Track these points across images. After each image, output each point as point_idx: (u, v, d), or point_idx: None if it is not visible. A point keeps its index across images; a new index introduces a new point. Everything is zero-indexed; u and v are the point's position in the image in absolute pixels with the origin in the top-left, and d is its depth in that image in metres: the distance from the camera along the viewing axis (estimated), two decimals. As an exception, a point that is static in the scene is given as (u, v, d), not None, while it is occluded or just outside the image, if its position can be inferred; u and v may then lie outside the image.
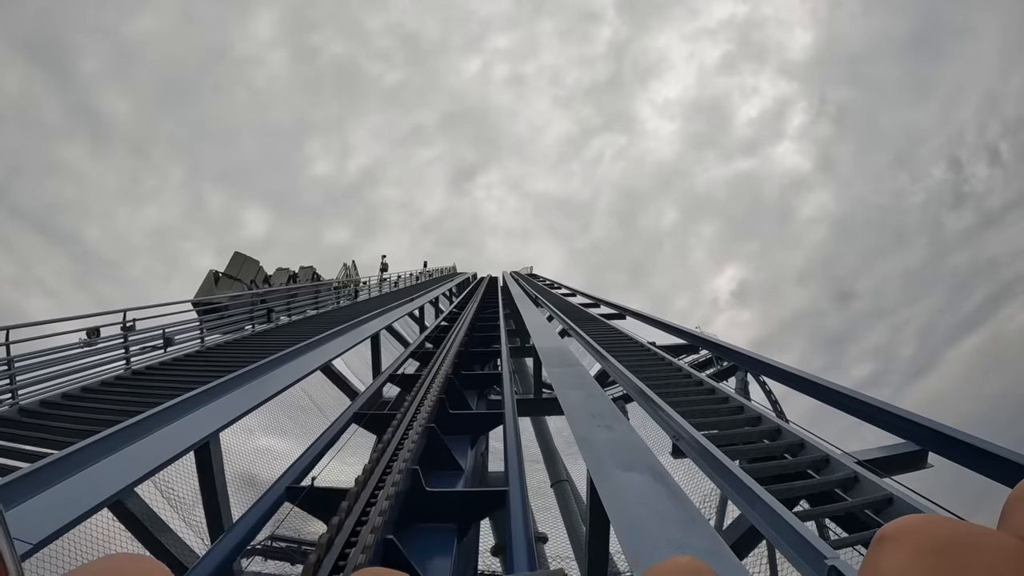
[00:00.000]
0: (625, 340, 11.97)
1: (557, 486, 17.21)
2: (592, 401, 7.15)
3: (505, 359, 10.79)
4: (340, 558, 3.32)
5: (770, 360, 8.66)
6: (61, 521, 3.90)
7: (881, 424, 5.66)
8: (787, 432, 5.78)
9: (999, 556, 0.48)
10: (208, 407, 6.84)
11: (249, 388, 7.83)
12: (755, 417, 6.28)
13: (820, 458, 5.10)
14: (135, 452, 5.27)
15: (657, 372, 8.83)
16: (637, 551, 3.56)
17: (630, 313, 16.99)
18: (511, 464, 5.83)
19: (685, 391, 7.57)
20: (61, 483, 4.40)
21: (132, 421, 5.71)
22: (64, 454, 4.69)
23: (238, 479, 8.19)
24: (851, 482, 4.62)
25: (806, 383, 7.16)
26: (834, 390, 6.56)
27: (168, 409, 6.23)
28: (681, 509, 4.09)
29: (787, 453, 5.50)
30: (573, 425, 6.33)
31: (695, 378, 8.24)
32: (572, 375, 8.65)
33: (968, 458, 4.60)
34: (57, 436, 5.67)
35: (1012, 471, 4.16)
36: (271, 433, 10.11)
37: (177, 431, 5.97)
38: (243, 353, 9.83)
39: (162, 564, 0.67)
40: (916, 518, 0.56)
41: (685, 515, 4.01)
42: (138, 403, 6.69)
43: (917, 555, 0.49)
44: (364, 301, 19.85)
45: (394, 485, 4.26)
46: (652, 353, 10.59)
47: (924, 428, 5.13)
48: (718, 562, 3.31)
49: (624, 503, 4.26)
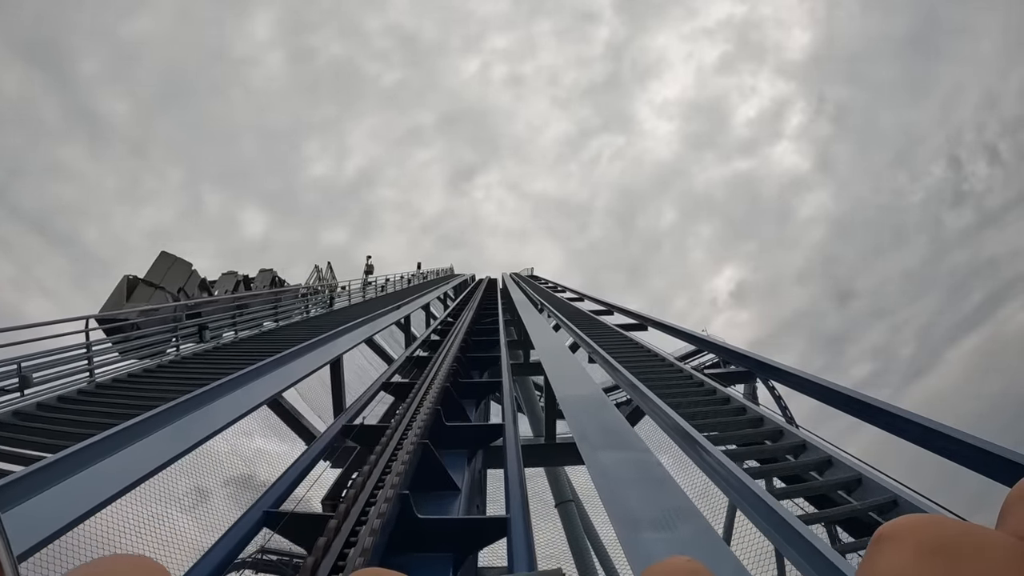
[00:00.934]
0: (657, 362, 9.35)
1: (562, 507, 16.03)
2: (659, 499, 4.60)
3: (507, 392, 8.17)
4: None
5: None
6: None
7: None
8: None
9: (997, 556, 0.45)
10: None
11: (122, 457, 5.18)
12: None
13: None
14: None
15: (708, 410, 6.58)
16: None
17: (652, 323, 14.50)
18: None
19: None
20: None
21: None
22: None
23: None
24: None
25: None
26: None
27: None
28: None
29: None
30: (630, 553, 3.74)
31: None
32: (607, 434, 5.98)
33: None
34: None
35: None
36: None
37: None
38: (142, 392, 7.18)
39: (161, 565, 0.57)
40: (914, 517, 0.51)
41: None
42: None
43: (915, 555, 0.47)
44: (342, 310, 17.09)
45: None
46: (699, 384, 7.99)
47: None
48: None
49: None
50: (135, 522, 7.90)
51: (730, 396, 7.58)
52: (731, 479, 4.71)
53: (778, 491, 5.10)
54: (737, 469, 4.77)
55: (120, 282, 13.53)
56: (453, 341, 11.92)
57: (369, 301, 19.25)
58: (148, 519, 7.97)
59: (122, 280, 13.54)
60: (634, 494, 4.53)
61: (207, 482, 9.23)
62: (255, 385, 8.00)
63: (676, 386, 7.94)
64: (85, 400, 7.28)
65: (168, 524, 8.26)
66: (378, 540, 3.67)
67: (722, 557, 3.47)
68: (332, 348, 9.75)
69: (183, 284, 14.59)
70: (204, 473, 9.31)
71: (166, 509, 8.67)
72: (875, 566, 0.49)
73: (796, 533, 3.70)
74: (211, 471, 9.41)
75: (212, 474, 9.47)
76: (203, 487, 9.16)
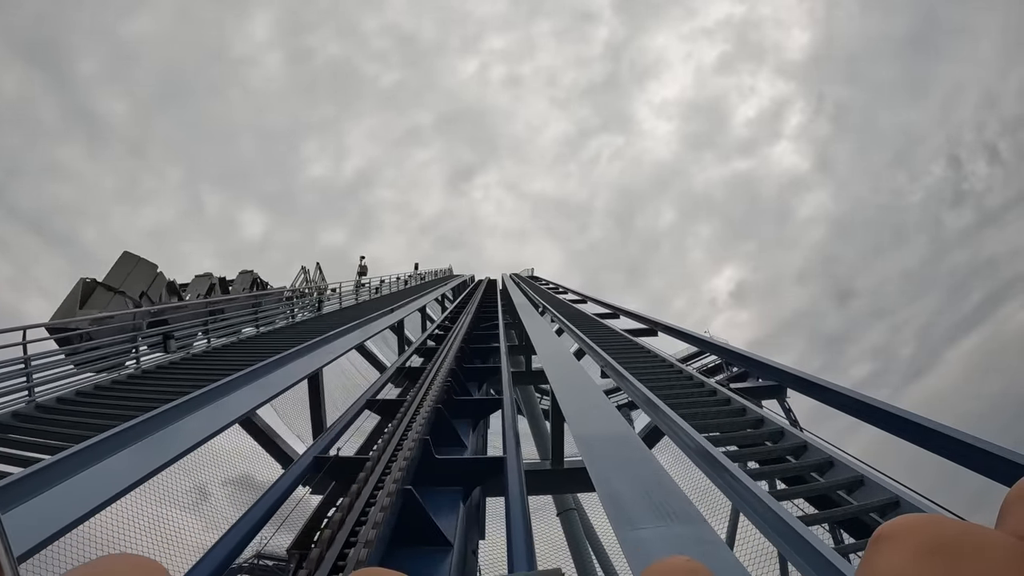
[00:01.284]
0: (673, 374, 8.41)
1: (564, 515, 15.59)
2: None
3: (508, 417, 7.22)
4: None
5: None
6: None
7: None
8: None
9: (997, 555, 0.45)
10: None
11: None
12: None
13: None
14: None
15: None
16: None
17: (661, 328, 13.64)
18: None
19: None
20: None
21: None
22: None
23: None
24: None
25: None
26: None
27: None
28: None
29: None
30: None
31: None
32: (622, 464, 5.10)
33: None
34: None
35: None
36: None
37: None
38: (88, 414, 6.22)
39: (161, 565, 0.61)
40: (913, 517, 0.52)
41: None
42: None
43: (914, 554, 0.47)
44: (330, 314, 16.02)
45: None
46: (725, 402, 7.04)
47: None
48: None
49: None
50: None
51: (746, 407, 6.74)
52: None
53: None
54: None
55: (76, 286, 12.15)
56: (449, 349, 11.02)
57: (361, 304, 18.24)
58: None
59: (77, 283, 12.18)
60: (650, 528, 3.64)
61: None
62: (225, 402, 7.06)
63: (700, 404, 6.99)
64: (23, 424, 6.33)
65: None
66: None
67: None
68: (312, 360, 8.72)
69: (146, 288, 13.21)
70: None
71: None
72: (874, 566, 0.48)
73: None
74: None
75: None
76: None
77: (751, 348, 11.82)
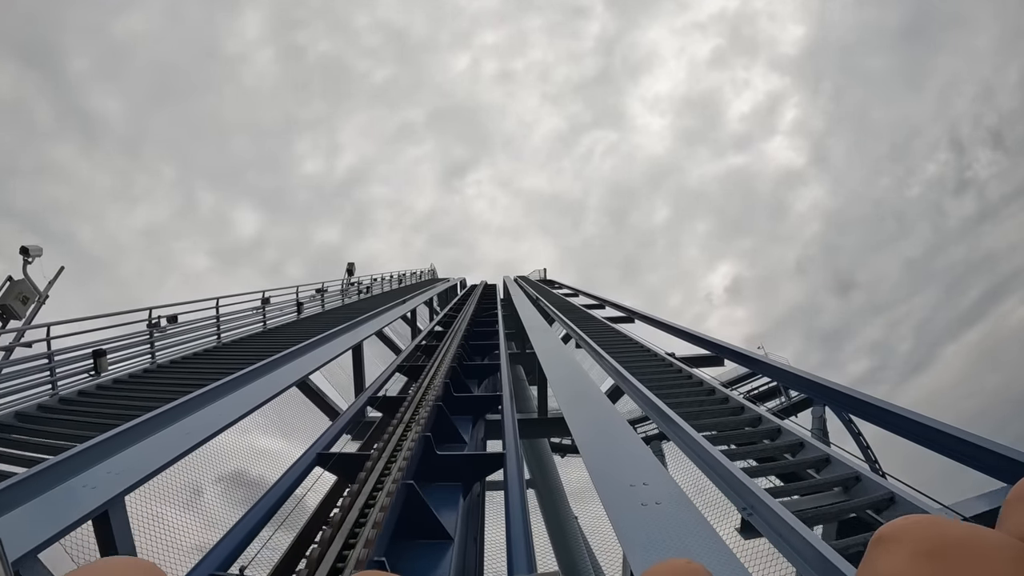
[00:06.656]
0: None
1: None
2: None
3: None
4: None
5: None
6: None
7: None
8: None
9: (998, 557, 0.45)
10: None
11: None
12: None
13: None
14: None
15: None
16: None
17: (728, 355, 10.65)
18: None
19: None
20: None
21: None
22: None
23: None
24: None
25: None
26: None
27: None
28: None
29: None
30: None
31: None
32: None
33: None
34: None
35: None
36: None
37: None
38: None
39: (159, 568, 0.63)
40: (914, 518, 0.54)
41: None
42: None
43: (915, 556, 0.47)
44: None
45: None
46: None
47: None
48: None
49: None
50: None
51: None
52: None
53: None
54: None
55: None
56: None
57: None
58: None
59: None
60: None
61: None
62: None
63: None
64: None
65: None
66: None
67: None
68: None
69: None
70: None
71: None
72: (875, 567, 0.48)
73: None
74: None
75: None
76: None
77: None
